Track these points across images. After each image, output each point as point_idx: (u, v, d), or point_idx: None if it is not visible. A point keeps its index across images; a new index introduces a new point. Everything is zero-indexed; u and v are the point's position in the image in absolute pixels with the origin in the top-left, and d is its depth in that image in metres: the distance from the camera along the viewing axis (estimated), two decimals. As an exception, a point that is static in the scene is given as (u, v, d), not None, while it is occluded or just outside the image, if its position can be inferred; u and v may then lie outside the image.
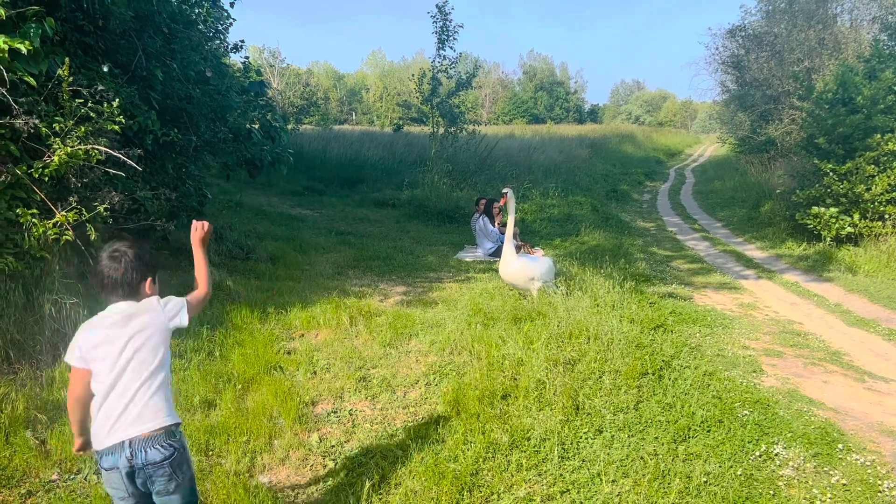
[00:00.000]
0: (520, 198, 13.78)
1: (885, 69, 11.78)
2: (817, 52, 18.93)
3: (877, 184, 10.98)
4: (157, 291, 2.33)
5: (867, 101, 11.32)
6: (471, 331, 5.36)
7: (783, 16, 20.57)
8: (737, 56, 23.88)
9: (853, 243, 11.19)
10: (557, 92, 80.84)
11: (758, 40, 21.51)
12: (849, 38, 18.38)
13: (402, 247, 9.75)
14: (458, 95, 17.19)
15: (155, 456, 2.14)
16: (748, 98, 21.83)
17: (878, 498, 3.26)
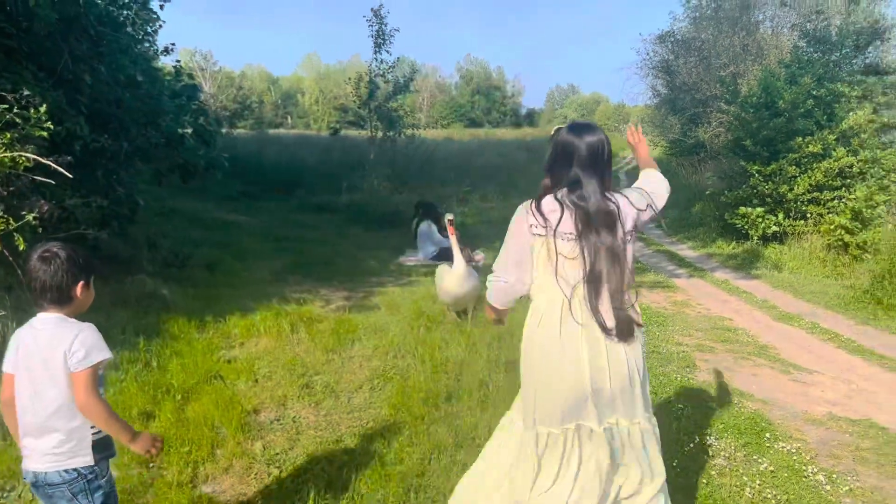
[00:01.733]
0: (459, 201, 13.89)
1: (804, 74, 12.32)
2: (742, 57, 19.65)
3: (799, 184, 11.48)
4: (92, 297, 2.21)
5: (788, 105, 11.83)
6: (414, 334, 5.40)
7: (710, 22, 21.29)
8: (667, 61, 24.58)
9: (778, 241, 11.67)
10: (494, 96, 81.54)
11: (686, 46, 22.18)
12: (771, 44, 19.16)
13: (342, 252, 9.71)
14: (396, 99, 17.24)
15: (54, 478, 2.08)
16: (678, 102, 22.50)
17: (803, 483, 3.42)
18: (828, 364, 5.82)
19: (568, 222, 2.30)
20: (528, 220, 2.34)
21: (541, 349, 2.33)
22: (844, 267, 10.35)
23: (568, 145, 2.41)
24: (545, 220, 2.31)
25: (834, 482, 3.45)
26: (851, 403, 4.84)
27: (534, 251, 2.34)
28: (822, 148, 11.51)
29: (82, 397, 2.03)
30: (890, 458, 3.82)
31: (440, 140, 23.36)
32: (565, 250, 2.28)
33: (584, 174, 2.36)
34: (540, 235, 2.31)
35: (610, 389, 2.30)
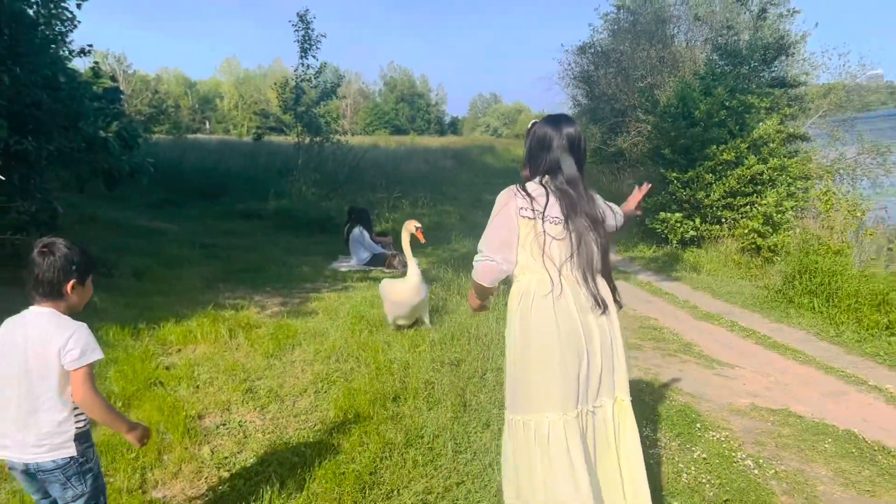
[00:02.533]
0: (390, 208, 13.92)
1: (717, 86, 12.95)
2: (658, 69, 20.45)
3: (715, 191, 12.05)
4: (87, 296, 2.28)
5: (704, 115, 12.41)
6: (355, 338, 5.42)
7: (627, 35, 22.06)
8: (587, 72, 25.32)
9: (696, 245, 12.20)
10: (419, 104, 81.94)
11: (606, 57, 22.91)
12: (685, 57, 20.01)
13: (273, 258, 9.59)
14: (321, 105, 17.12)
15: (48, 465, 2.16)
16: (598, 111, 23.20)
17: (733, 468, 3.64)
18: (747, 359, 6.15)
19: (555, 206, 2.42)
20: (517, 202, 2.42)
21: (538, 331, 2.39)
22: (757, 268, 10.92)
23: (545, 136, 2.53)
24: (532, 201, 2.41)
25: (761, 466, 3.69)
26: (771, 395, 5.15)
27: (520, 233, 2.42)
28: (735, 156, 12.12)
29: (82, 393, 2.10)
30: (808, 443, 4.10)
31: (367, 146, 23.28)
32: (553, 232, 2.40)
33: (563, 161, 2.49)
34: (528, 218, 2.40)
35: (601, 366, 2.43)
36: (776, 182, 12.15)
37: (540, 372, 2.38)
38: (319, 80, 16.84)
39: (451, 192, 18.71)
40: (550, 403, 2.37)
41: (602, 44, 23.56)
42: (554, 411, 2.36)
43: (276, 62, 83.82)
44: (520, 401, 2.45)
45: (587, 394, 2.43)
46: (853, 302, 7.29)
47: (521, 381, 2.44)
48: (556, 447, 2.34)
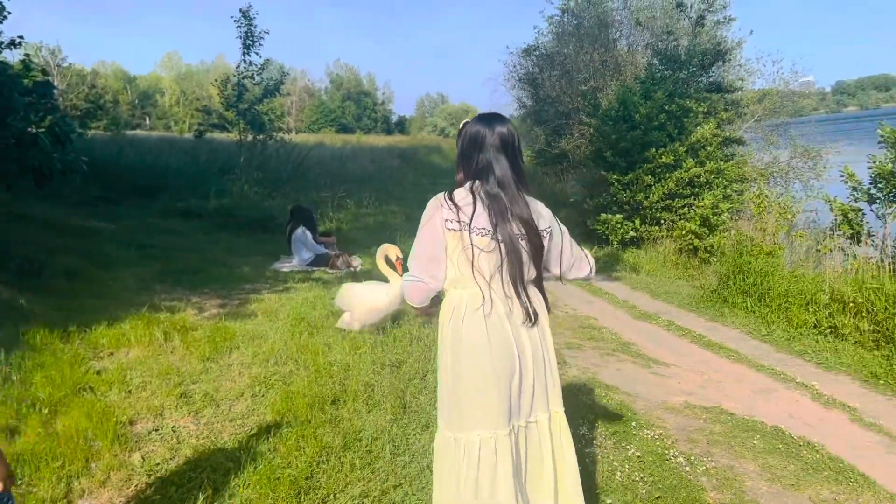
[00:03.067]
0: (334, 207, 13.81)
1: (657, 90, 13.25)
2: (601, 72, 20.79)
3: (654, 192, 12.32)
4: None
5: (644, 118, 12.67)
6: (295, 340, 5.36)
7: (571, 38, 22.37)
8: (532, 74, 25.58)
9: (636, 246, 12.46)
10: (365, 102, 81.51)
11: (550, 60, 23.18)
12: (627, 61, 20.39)
13: (213, 258, 9.41)
14: (265, 102, 16.87)
15: None
16: (543, 113, 23.46)
17: (666, 465, 3.72)
18: (683, 358, 6.31)
19: (482, 216, 2.29)
20: (442, 213, 2.30)
21: (470, 347, 2.30)
22: (694, 269, 11.21)
23: (476, 134, 2.41)
24: (458, 211, 2.28)
25: (692, 463, 3.78)
26: (704, 393, 5.29)
27: (448, 246, 2.31)
28: (673, 159, 12.41)
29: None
30: (738, 440, 4.23)
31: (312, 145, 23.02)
32: (481, 244, 2.28)
33: (495, 161, 2.36)
34: (454, 230, 2.28)
35: (534, 380, 2.36)
36: (713, 185, 12.49)
37: (472, 390, 2.30)
38: (263, 77, 16.59)
39: (397, 192, 18.68)
40: (483, 421, 2.30)
41: (546, 46, 23.83)
42: (486, 429, 2.29)
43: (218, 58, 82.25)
44: (452, 418, 2.37)
45: (520, 409, 2.36)
46: (783, 301, 7.54)
47: (453, 398, 2.36)
48: (485, 464, 2.28)
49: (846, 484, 3.65)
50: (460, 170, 2.51)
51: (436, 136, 71.92)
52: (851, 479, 3.69)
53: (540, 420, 2.42)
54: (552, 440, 2.44)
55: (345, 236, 11.82)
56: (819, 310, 7.13)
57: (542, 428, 2.42)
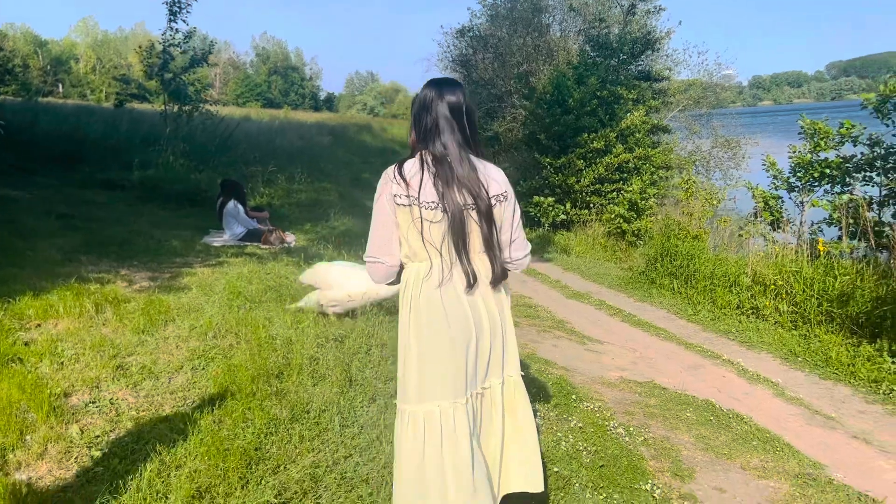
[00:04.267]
0: (265, 182, 13.52)
1: (590, 76, 13.50)
2: (534, 56, 21.01)
3: (585, 176, 12.60)
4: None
5: (577, 103, 12.91)
6: (233, 314, 5.24)
7: (505, 21, 22.48)
8: (465, 55, 25.60)
9: (566, 229, 12.73)
10: (292, 77, 79.86)
11: (484, 42, 23.24)
12: (559, 46, 20.67)
13: (139, 231, 9.06)
14: (192, 72, 16.30)
15: None
16: (476, 96, 23.51)
17: (607, 436, 3.85)
18: (615, 335, 6.51)
19: (429, 188, 2.28)
20: (391, 188, 2.30)
21: (427, 320, 2.31)
22: (622, 251, 11.55)
23: (425, 98, 2.40)
24: (407, 186, 2.28)
25: (631, 434, 3.92)
26: (637, 368, 5.48)
27: (399, 222, 2.32)
28: (604, 144, 12.70)
29: None
30: (672, 412, 4.40)
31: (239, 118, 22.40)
32: (430, 216, 2.28)
33: (443, 125, 2.34)
34: (404, 206, 2.28)
35: (490, 348, 2.38)
36: (641, 170, 12.85)
37: (432, 361, 2.32)
38: (189, 46, 16.01)
39: (329, 169, 18.42)
40: (442, 392, 2.31)
41: (480, 29, 23.88)
42: (446, 399, 2.31)
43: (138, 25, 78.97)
44: (411, 392, 2.36)
45: (476, 377, 2.38)
46: (708, 284, 7.86)
47: (415, 371, 2.35)
48: (447, 436, 2.30)
49: (773, 453, 3.86)
50: (412, 133, 2.49)
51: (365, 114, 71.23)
52: (778, 449, 3.91)
53: (493, 386, 2.44)
54: (504, 404, 2.46)
55: (276, 212, 11.60)
56: (742, 292, 7.46)
57: (495, 393, 2.44)
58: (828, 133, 8.70)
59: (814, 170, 8.79)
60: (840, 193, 8.67)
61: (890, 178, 8.36)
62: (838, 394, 5.09)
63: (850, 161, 8.59)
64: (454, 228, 2.28)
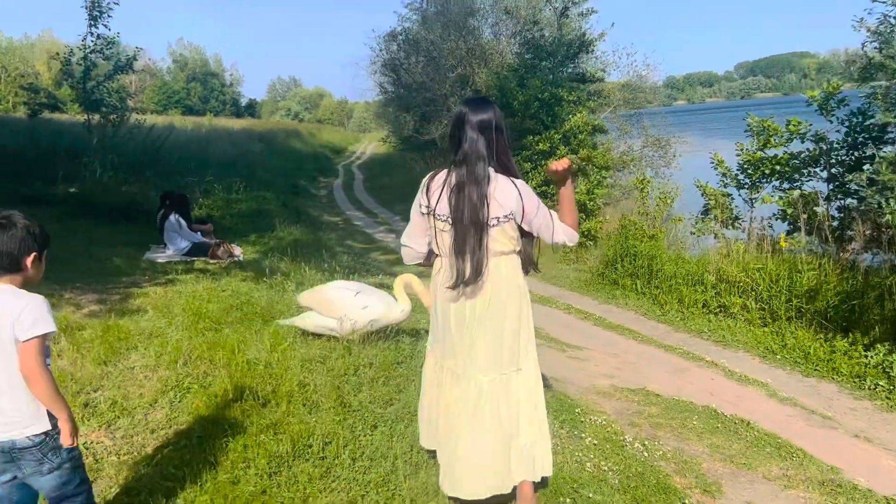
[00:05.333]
0: (203, 192, 12.93)
1: (531, 79, 13.48)
2: (468, 60, 20.93)
3: (532, 179, 12.53)
4: (42, 271, 2.30)
5: (521, 105, 12.84)
6: (201, 337, 4.85)
7: (436, 25, 22.33)
8: (395, 59, 25.32)
9: (516, 231, 12.65)
10: (212, 83, 77.70)
11: (416, 45, 23.03)
12: (494, 49, 20.66)
13: (75, 249, 8.42)
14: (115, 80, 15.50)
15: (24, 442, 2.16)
16: (411, 100, 23.29)
17: (626, 453, 3.69)
18: (592, 340, 6.40)
19: (444, 202, 2.66)
20: (419, 198, 2.77)
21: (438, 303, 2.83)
22: (573, 253, 11.50)
23: (458, 115, 2.70)
24: (429, 199, 2.71)
25: (648, 449, 3.78)
26: (624, 374, 5.37)
27: (425, 225, 2.79)
28: (549, 146, 12.68)
29: (28, 365, 2.09)
30: (678, 421, 4.29)
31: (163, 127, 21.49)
32: (441, 226, 2.70)
33: (469, 141, 2.62)
34: (424, 214, 2.75)
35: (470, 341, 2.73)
36: (585, 172, 12.89)
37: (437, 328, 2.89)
38: (112, 53, 15.20)
39: (265, 177, 17.81)
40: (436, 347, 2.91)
41: (412, 32, 23.67)
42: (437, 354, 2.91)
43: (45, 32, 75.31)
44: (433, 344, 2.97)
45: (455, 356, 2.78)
46: (673, 283, 7.86)
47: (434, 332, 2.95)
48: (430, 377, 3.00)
49: (789, 459, 3.78)
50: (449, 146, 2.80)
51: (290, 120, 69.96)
52: (792, 454, 3.84)
53: (479, 380, 2.74)
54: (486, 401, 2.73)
55: (218, 224, 11.05)
56: (707, 290, 7.49)
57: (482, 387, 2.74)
58: (777, 130, 8.86)
59: (764, 167, 8.93)
60: (790, 189, 8.83)
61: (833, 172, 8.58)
62: (825, 391, 5.10)
63: (797, 157, 8.77)
64: (457, 239, 2.64)
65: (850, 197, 8.24)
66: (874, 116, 8.02)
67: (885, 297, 6.15)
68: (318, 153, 33.37)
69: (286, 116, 76.83)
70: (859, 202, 7.32)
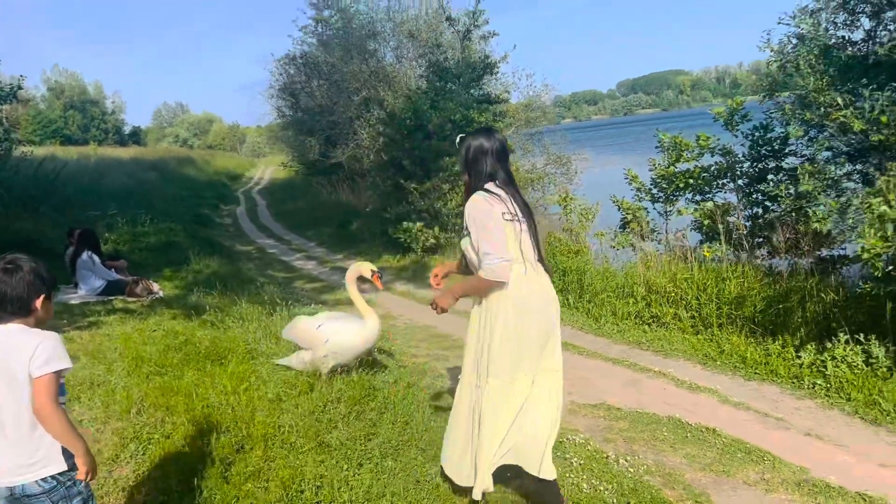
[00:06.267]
0: (105, 226, 12.23)
1: (444, 101, 13.62)
2: (372, 83, 20.89)
3: (451, 200, 12.61)
4: (51, 311, 2.31)
5: (436, 128, 12.93)
6: (149, 383, 4.55)
7: (336, 48, 22.20)
8: (294, 83, 24.97)
9: (434, 253, 12.64)
10: (92, 112, 74.02)
11: (318, 69, 22.80)
12: (399, 72, 20.73)
13: (-26, 294, 7.77)
14: (0, 110, 14.52)
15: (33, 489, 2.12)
16: (314, 123, 22.98)
17: (616, 471, 3.72)
18: (539, 358, 6.44)
19: (515, 208, 3.03)
20: (498, 207, 2.94)
21: (525, 306, 2.95)
22: (496, 271, 11.65)
23: (481, 146, 3.12)
24: (508, 206, 2.98)
25: (632, 465, 3.82)
26: (579, 389, 5.43)
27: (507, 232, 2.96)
28: (466, 167, 12.82)
29: (41, 402, 2.06)
30: (648, 434, 4.37)
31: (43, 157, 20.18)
32: (519, 229, 3.00)
33: (500, 167, 3.12)
34: (509, 221, 2.96)
35: (553, 334, 3.10)
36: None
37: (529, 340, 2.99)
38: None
39: (166, 207, 17.07)
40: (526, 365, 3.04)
41: (313, 55, 23.42)
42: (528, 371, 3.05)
43: None
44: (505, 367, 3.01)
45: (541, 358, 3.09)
46: (604, 296, 8.06)
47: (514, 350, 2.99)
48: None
49: (761, 463, 3.92)
50: (467, 174, 3.19)
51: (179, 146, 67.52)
52: (763, 458, 3.98)
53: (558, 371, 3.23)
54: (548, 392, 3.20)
55: (127, 259, 10.48)
56: (639, 301, 7.72)
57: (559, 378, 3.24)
58: (688, 146, 9.29)
59: (678, 180, 9.34)
60: (702, 201, 9.27)
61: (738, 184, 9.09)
62: (768, 393, 5.34)
63: (708, 171, 9.23)
64: (537, 243, 3.09)
65: (756, 206, 8.77)
66: (774, 130, 8.59)
67: (806, 300, 6.54)
68: (214, 180, 32.33)
69: (174, 143, 74.11)
70: (780, 210, 7.75)
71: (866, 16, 6.79)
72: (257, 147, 66.85)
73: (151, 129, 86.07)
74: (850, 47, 6.81)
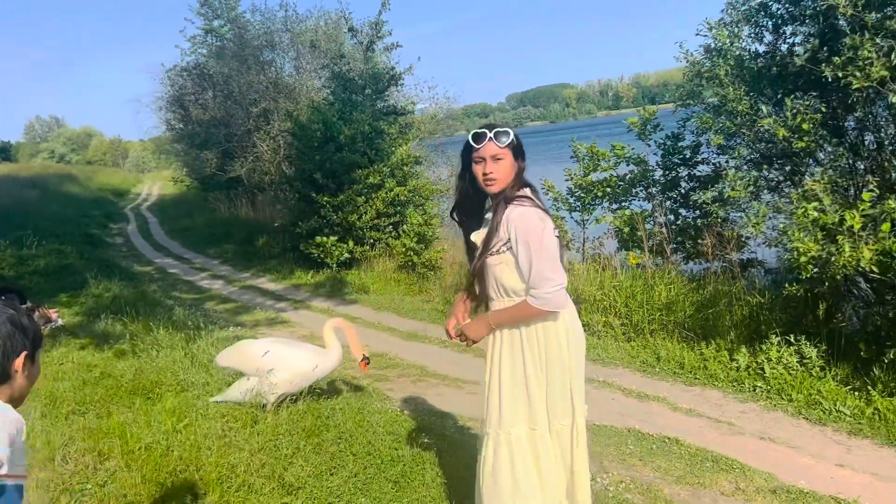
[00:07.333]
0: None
1: (354, 112, 13.36)
2: (271, 94, 20.28)
3: (365, 213, 12.33)
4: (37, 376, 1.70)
5: (348, 139, 12.63)
6: (72, 426, 4.07)
7: (233, 60, 21.41)
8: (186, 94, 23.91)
9: (353, 267, 12.32)
10: (-47, 126, 68.49)
11: (212, 80, 21.94)
12: (300, 83, 20.24)
13: None
14: None
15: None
16: (209, 136, 22.06)
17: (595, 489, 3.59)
18: (478, 372, 6.30)
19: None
20: (550, 224, 2.55)
21: (577, 335, 2.74)
22: (414, 284, 11.43)
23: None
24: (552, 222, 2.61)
25: (610, 483, 3.72)
26: (529, 405, 5.32)
27: None
28: (380, 179, 12.58)
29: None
30: (612, 448, 4.30)
31: None
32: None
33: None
34: (557, 237, 2.63)
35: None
36: (413, 202, 12.96)
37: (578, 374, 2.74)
38: None
39: (52, 227, 15.85)
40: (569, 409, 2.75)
41: (207, 66, 22.51)
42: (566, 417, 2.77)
43: None
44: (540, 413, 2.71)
45: None
46: (534, 307, 8.03)
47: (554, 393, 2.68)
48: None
49: (730, 472, 3.91)
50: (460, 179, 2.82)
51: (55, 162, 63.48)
52: (731, 466, 3.97)
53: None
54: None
55: (14, 285, 9.58)
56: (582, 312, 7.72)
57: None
58: (604, 155, 9.46)
59: (596, 189, 9.49)
60: (618, 209, 9.45)
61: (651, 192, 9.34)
62: (712, 398, 5.41)
63: (623, 179, 9.42)
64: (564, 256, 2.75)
65: (670, 213, 9.04)
66: (685, 139, 8.88)
67: (733, 304, 6.72)
68: (99, 197, 30.50)
69: (50, 159, 69.52)
70: (703, 217, 7.96)
71: (767, 30, 7.11)
72: (142, 162, 63.82)
73: (24, 144, 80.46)
74: (760, 59, 7.08)
